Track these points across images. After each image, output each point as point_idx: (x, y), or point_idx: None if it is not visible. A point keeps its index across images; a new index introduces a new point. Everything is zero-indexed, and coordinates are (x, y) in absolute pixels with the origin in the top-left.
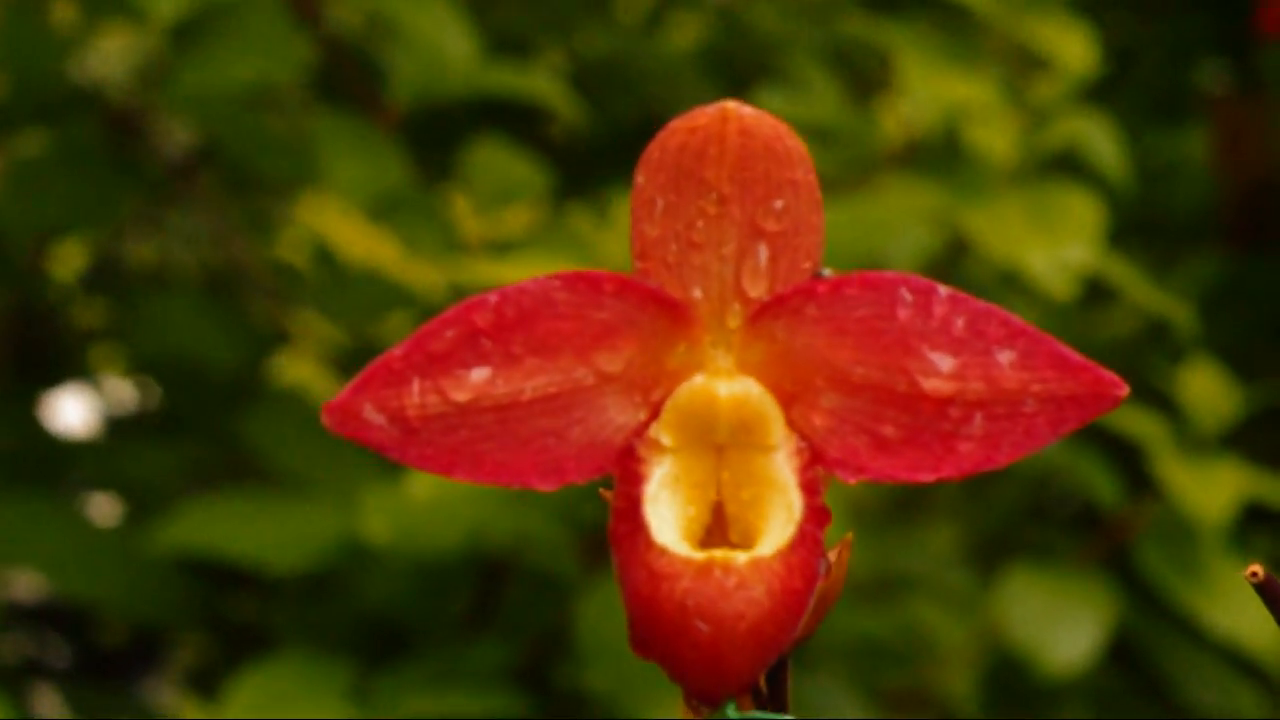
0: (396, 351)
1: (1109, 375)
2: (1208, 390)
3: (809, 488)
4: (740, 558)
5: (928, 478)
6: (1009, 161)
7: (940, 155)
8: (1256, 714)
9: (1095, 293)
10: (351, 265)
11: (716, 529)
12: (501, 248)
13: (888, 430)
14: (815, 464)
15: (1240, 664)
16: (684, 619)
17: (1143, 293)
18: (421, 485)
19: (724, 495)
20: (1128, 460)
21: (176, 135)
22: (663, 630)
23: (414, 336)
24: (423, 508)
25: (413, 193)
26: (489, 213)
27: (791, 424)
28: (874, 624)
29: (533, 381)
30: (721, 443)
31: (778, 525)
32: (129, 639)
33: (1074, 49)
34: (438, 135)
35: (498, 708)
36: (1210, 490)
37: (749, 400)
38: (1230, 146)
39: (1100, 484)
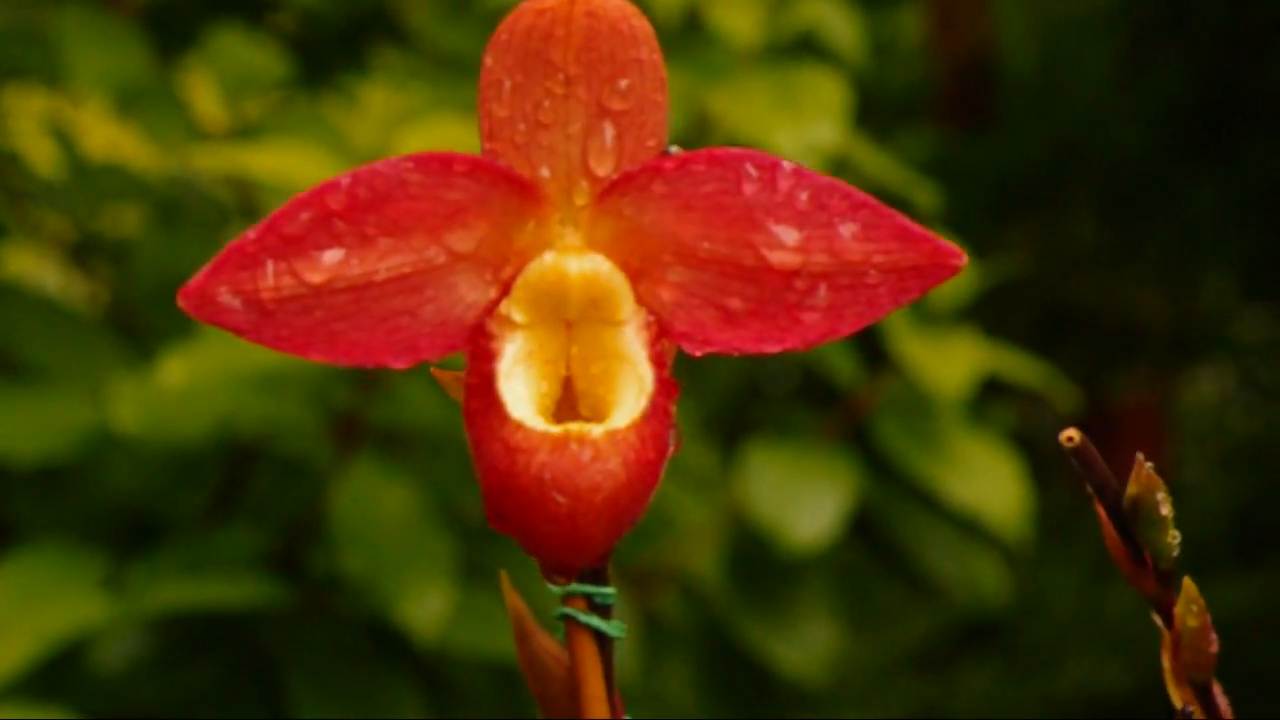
0: (250, 235)
1: (948, 245)
2: None
3: (658, 361)
4: (595, 430)
5: (773, 349)
6: (753, 43)
7: (682, 38)
8: (992, 577)
9: (835, 170)
10: (86, 155)
11: (567, 404)
12: (246, 134)
13: (734, 303)
14: (663, 337)
15: (979, 534)
16: (541, 492)
17: (883, 169)
18: (172, 373)
19: (575, 370)
20: (863, 336)
21: None
22: (520, 503)
23: (268, 220)
24: (173, 396)
25: (153, 81)
26: (232, 101)
27: (640, 299)
28: None
29: (386, 262)
30: (572, 318)
31: (629, 398)
32: None
33: None
34: (176, 24)
35: (252, 594)
36: (947, 364)
37: (598, 276)
38: (944, 25)
39: (838, 360)
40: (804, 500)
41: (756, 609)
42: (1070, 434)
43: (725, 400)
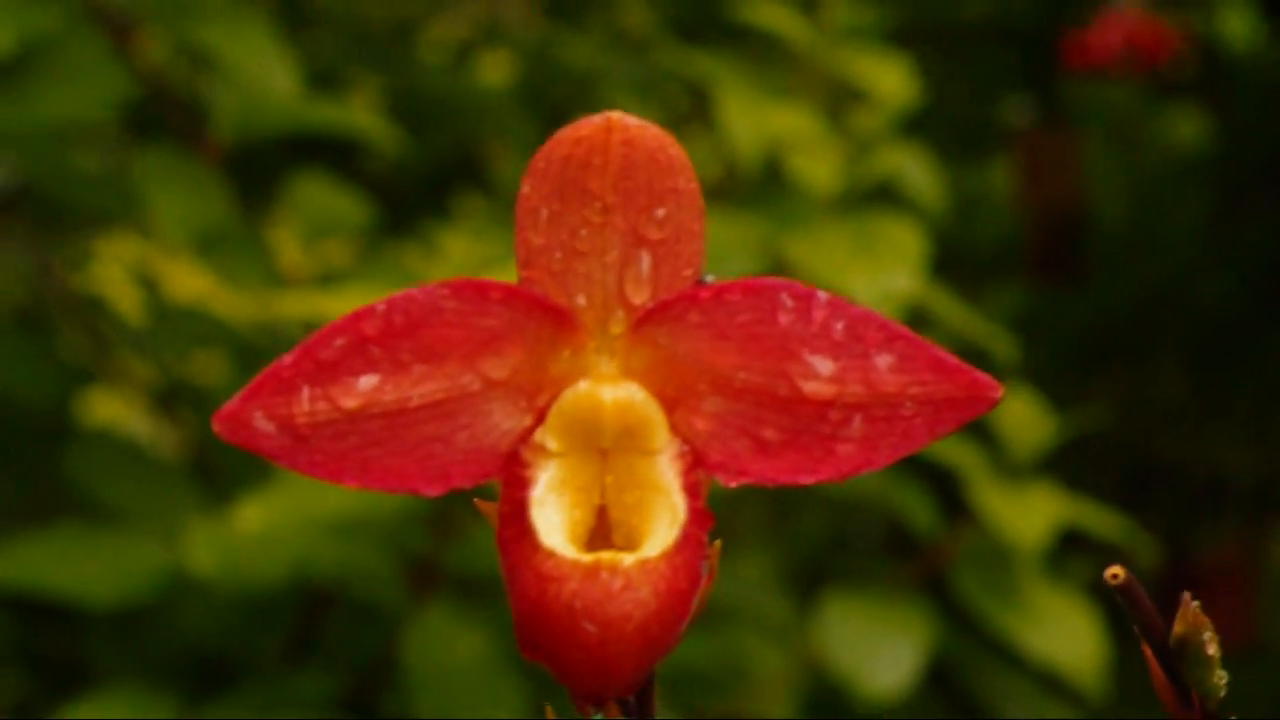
0: (286, 360)
1: (985, 378)
2: (1023, 417)
3: (692, 491)
4: (627, 559)
5: (808, 480)
6: (831, 191)
7: (761, 186)
8: None
9: (914, 321)
10: (171, 300)
11: (600, 533)
12: (325, 280)
13: (769, 433)
14: (698, 467)
15: (1055, 687)
16: (572, 620)
17: (962, 320)
18: (248, 518)
19: (608, 499)
20: (943, 487)
21: None
22: (551, 632)
23: (303, 345)
24: (249, 540)
25: (235, 227)
26: (311, 246)
27: (675, 428)
28: (692, 650)
29: (420, 388)
30: (606, 447)
31: (662, 528)
32: None
33: (892, 81)
34: (260, 170)
35: None
36: (1026, 516)
37: (633, 405)
38: (1033, 179)
39: (917, 511)
40: (881, 650)
41: None
42: (1115, 571)
43: (808, 551)
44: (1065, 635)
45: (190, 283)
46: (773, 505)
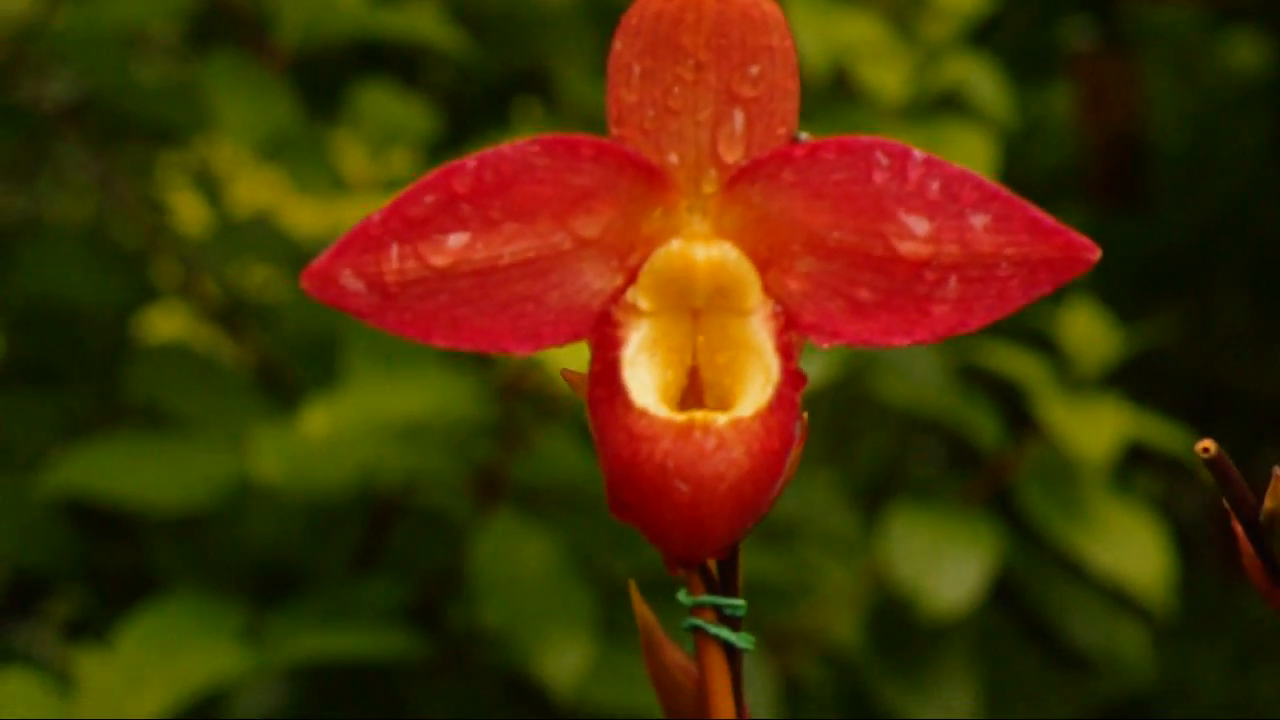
0: (375, 217)
1: (1081, 239)
2: (1088, 331)
3: (785, 351)
4: (720, 419)
5: (902, 341)
6: (900, 99)
7: (829, 95)
8: (1137, 653)
9: None
10: (234, 213)
11: (692, 393)
12: (389, 188)
13: (863, 294)
14: (790, 328)
15: (1122, 602)
16: (664, 480)
17: None
18: (314, 423)
19: (700, 360)
20: (1008, 401)
21: (53, 87)
22: (643, 492)
23: (393, 202)
24: (315, 446)
25: (301, 133)
26: (376, 154)
27: (767, 288)
28: (759, 564)
29: (510, 246)
30: (698, 307)
31: (755, 388)
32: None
33: None
34: (325, 78)
35: (391, 646)
36: (1091, 430)
37: (725, 264)
38: (1094, 103)
39: (982, 425)
40: (946, 565)
41: (896, 673)
42: (1205, 444)
43: (873, 467)
44: (1131, 550)
45: (254, 195)
46: (837, 421)
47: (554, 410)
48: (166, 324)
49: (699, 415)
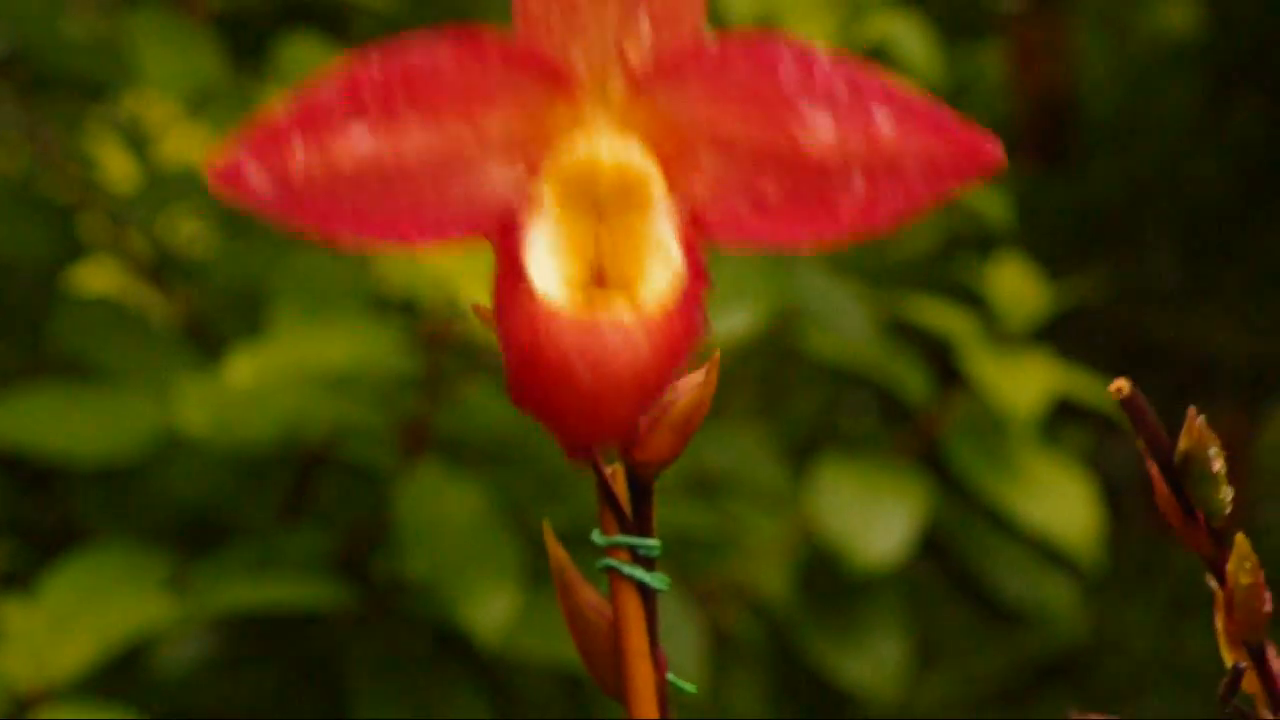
0: (280, 112)
1: (985, 138)
2: (1017, 286)
3: (689, 246)
4: (623, 305)
5: (807, 238)
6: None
7: None
8: (1067, 606)
9: None
10: (165, 164)
11: (597, 289)
12: None
13: (768, 191)
14: (696, 226)
15: (1052, 556)
16: (566, 364)
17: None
18: (239, 373)
19: (604, 256)
20: (938, 356)
21: None
22: (543, 377)
23: (298, 96)
24: (240, 397)
25: (227, 87)
26: None
27: (672, 186)
28: (687, 517)
29: (415, 142)
30: (602, 204)
31: (658, 280)
32: None
33: None
34: (252, 33)
35: (317, 596)
36: (1020, 384)
37: (630, 161)
38: (1025, 63)
39: (911, 380)
40: (875, 518)
41: (826, 626)
42: (1120, 384)
43: (802, 421)
44: (1060, 504)
45: (182, 150)
46: (767, 377)
47: (480, 361)
48: (95, 278)
49: (601, 302)
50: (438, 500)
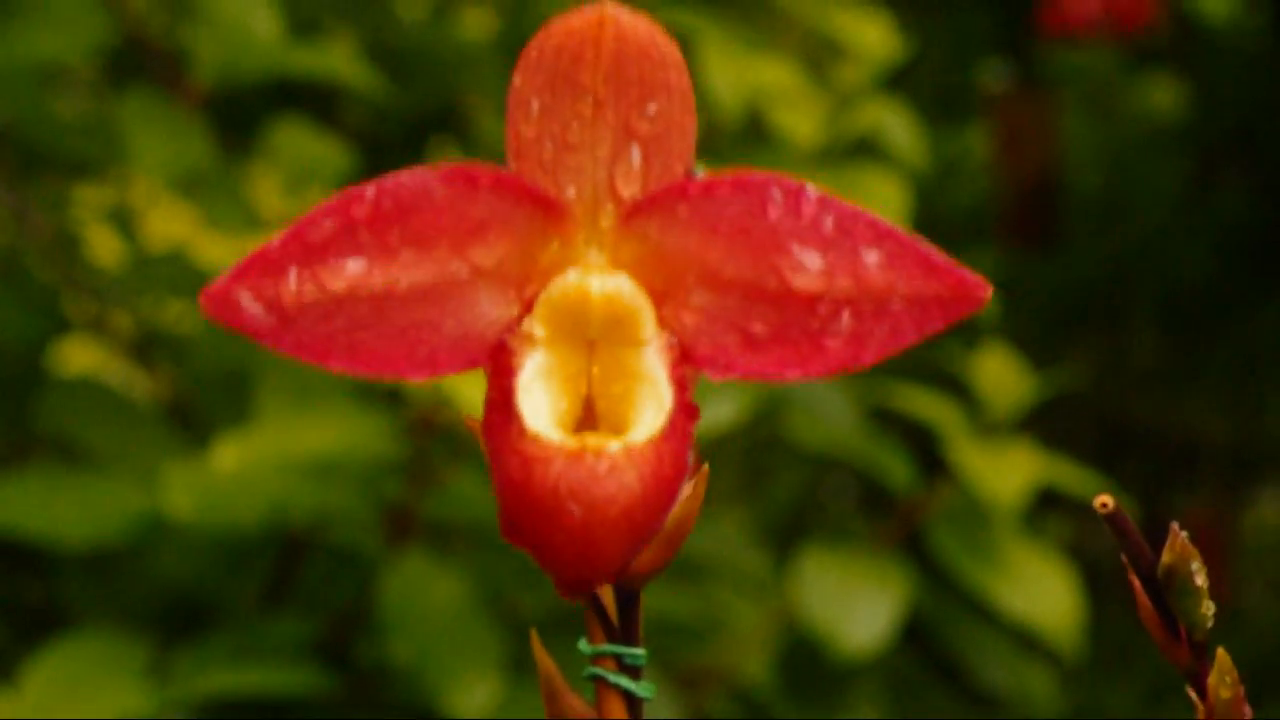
0: (274, 241)
1: (973, 277)
2: (1001, 375)
3: (679, 383)
4: (613, 443)
5: (795, 375)
6: (813, 144)
7: (742, 139)
8: (1047, 692)
9: None
10: (148, 247)
11: (588, 423)
12: None
13: (757, 327)
14: (685, 361)
15: (1032, 645)
16: (556, 503)
17: None
18: (225, 458)
19: (595, 390)
20: (921, 444)
21: None
22: (534, 515)
23: (292, 227)
24: (225, 482)
25: (215, 171)
26: (292, 193)
27: (662, 321)
28: (670, 603)
29: (408, 273)
30: (593, 338)
31: (649, 415)
32: None
33: (872, 36)
34: (240, 116)
35: (299, 682)
36: (1003, 474)
37: (621, 296)
38: (1009, 144)
39: (894, 468)
40: (857, 606)
41: (807, 712)
42: (1104, 499)
43: (785, 508)
44: (1041, 594)
45: (168, 230)
46: (750, 462)
47: (464, 448)
48: (80, 357)
49: (591, 439)
50: (421, 587)
